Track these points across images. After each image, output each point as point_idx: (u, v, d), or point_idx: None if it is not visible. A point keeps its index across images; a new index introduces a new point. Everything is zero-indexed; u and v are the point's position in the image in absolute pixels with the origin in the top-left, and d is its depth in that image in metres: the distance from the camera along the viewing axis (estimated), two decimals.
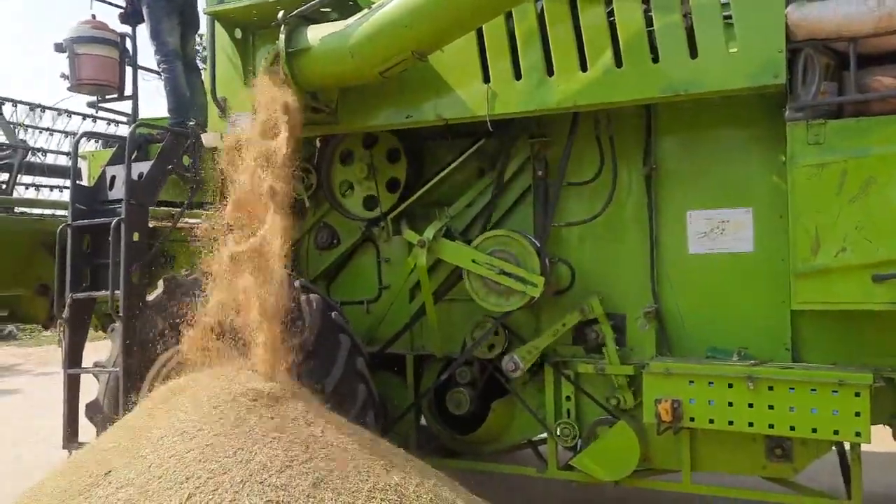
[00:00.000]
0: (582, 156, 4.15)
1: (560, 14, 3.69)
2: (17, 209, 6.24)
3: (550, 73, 3.73)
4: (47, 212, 6.39)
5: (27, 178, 6.94)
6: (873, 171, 3.23)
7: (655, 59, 3.53)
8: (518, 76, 3.79)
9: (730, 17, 3.42)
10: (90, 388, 4.56)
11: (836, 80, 3.41)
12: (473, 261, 4.06)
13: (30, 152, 6.80)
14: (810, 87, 3.36)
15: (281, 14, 3.74)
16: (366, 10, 3.65)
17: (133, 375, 4.21)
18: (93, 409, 4.44)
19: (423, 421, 4.82)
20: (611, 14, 3.63)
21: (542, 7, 3.73)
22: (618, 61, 3.60)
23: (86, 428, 4.49)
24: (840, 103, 3.38)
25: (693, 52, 3.46)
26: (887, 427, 3.68)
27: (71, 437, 4.48)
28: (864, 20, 3.22)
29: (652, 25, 3.55)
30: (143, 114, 5.46)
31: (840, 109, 3.40)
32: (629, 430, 3.93)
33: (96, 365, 4.47)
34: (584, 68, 3.66)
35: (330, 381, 3.92)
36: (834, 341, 3.63)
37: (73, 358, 4.51)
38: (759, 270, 3.78)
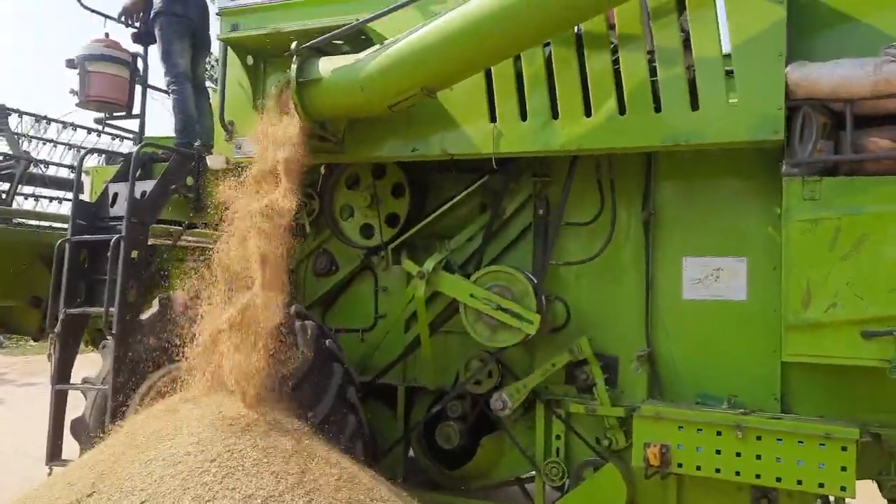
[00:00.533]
0: (583, 197, 4.22)
1: (567, 60, 3.78)
2: (15, 220, 6.24)
3: (555, 116, 3.80)
4: (45, 223, 6.38)
5: (27, 189, 6.95)
6: (866, 230, 3.29)
7: (658, 109, 3.61)
8: (524, 117, 3.86)
9: (732, 72, 3.51)
10: (77, 404, 4.53)
11: (832, 138, 3.49)
12: (471, 295, 4.10)
13: (32, 163, 6.83)
14: (807, 144, 3.44)
15: (294, 45, 3.81)
16: (378, 46, 3.73)
17: (122, 394, 4.19)
18: (78, 426, 4.40)
19: (411, 453, 4.81)
20: (616, 62, 3.72)
21: (550, 52, 3.82)
22: (621, 109, 3.68)
23: (69, 444, 4.45)
24: (836, 162, 3.46)
25: (695, 105, 3.54)
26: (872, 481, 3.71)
27: (54, 453, 4.43)
28: (861, 83, 3.31)
29: (656, 75, 3.64)
30: (147, 131, 5.50)
31: (835, 167, 3.48)
32: (617, 473, 3.94)
33: (85, 381, 4.44)
34: (588, 113, 3.74)
35: (321, 410, 3.90)
36: (823, 394, 3.67)
37: (61, 373, 4.49)
38: (751, 320, 3.83)
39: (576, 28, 3.72)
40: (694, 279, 3.98)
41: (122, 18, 5.01)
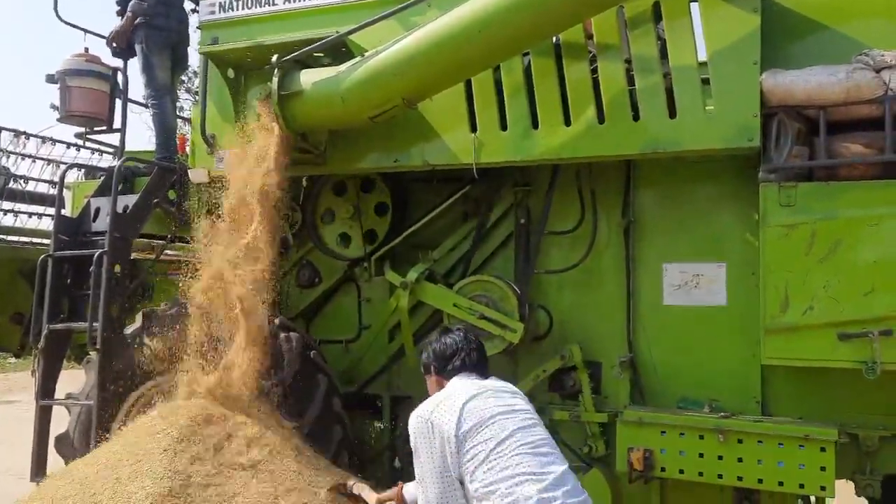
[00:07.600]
0: (563, 206, 4.26)
1: (546, 69, 3.82)
2: None
3: (535, 125, 3.83)
4: (25, 239, 6.33)
5: (7, 204, 6.88)
6: (841, 234, 3.35)
7: (636, 117, 3.66)
8: (504, 127, 3.89)
9: (708, 80, 3.57)
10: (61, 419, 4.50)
11: (807, 145, 3.55)
12: (455, 304, 4.12)
13: (11, 179, 6.78)
14: (783, 150, 3.49)
15: (275, 58, 3.82)
16: (358, 58, 3.75)
17: (107, 409, 4.17)
18: (62, 442, 4.38)
19: (397, 463, 4.81)
20: (595, 72, 3.76)
21: (530, 62, 3.86)
22: (600, 118, 3.72)
23: (54, 460, 4.41)
24: (811, 167, 3.52)
25: (672, 113, 3.60)
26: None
27: (39, 469, 4.41)
28: (833, 90, 3.37)
29: (634, 84, 3.69)
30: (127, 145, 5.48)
31: (810, 173, 3.53)
32: (601, 478, 3.97)
33: (69, 397, 4.42)
34: (567, 123, 3.78)
35: (306, 421, 3.92)
36: (801, 396, 3.72)
37: (46, 389, 4.47)
38: (731, 324, 3.88)
39: (554, 38, 3.76)
40: (674, 285, 4.02)
41: (113, 44, 4.94)
